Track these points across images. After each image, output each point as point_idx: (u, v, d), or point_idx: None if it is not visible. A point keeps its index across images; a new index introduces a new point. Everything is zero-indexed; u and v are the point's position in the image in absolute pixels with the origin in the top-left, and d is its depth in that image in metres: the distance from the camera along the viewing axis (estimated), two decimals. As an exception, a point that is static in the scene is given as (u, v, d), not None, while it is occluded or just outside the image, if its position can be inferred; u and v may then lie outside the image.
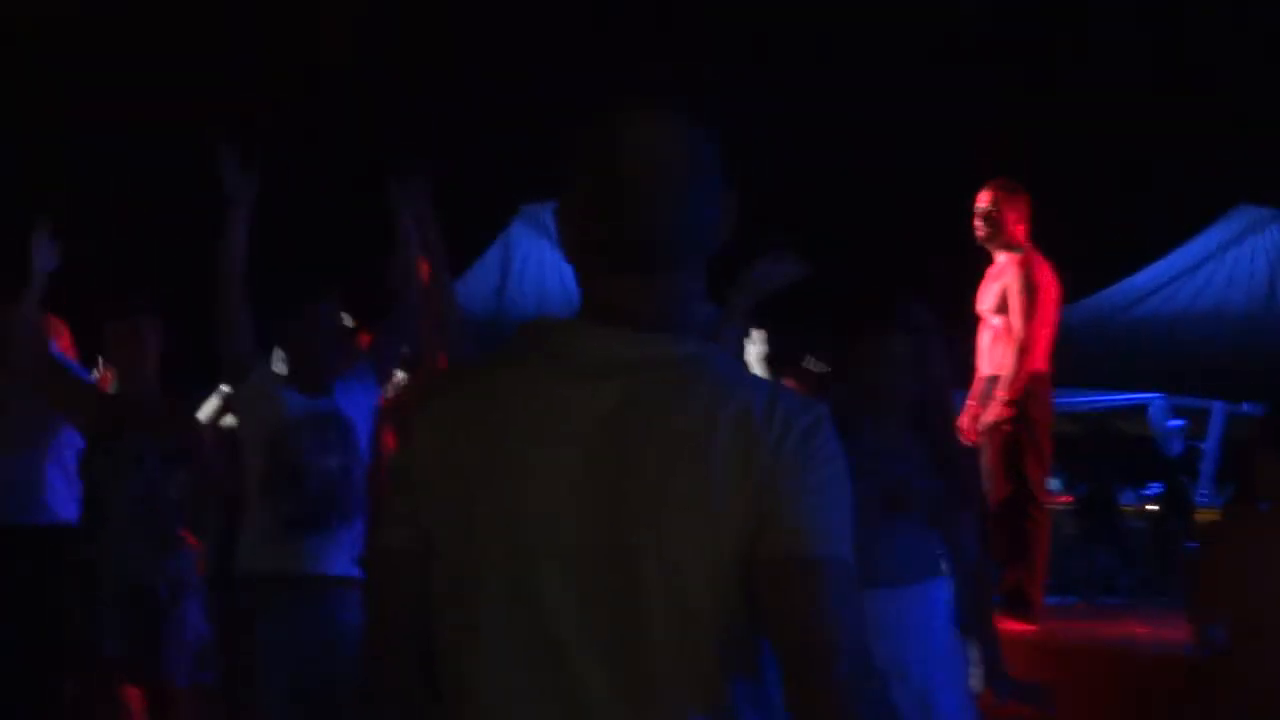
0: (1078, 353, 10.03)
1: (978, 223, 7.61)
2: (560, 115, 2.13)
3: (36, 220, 6.39)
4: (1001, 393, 7.46)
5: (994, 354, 7.58)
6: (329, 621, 5.37)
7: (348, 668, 5.16)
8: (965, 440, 7.27)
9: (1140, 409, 15.09)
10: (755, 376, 2.11)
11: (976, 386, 7.70)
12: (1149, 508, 13.87)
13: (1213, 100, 19.21)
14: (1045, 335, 7.55)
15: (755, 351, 6.76)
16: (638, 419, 1.98)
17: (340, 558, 5.44)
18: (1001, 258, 7.62)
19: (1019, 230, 7.58)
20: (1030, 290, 7.48)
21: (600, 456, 1.98)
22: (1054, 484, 13.47)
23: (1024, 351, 7.44)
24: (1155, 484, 14.12)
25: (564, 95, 2.15)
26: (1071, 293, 8.99)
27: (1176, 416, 14.99)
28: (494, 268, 14.92)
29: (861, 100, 18.98)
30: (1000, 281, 7.56)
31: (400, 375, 7.36)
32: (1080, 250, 9.49)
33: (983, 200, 7.61)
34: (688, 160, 2.06)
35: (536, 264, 14.36)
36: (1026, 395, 7.49)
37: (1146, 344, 13.78)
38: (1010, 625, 7.12)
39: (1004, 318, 7.51)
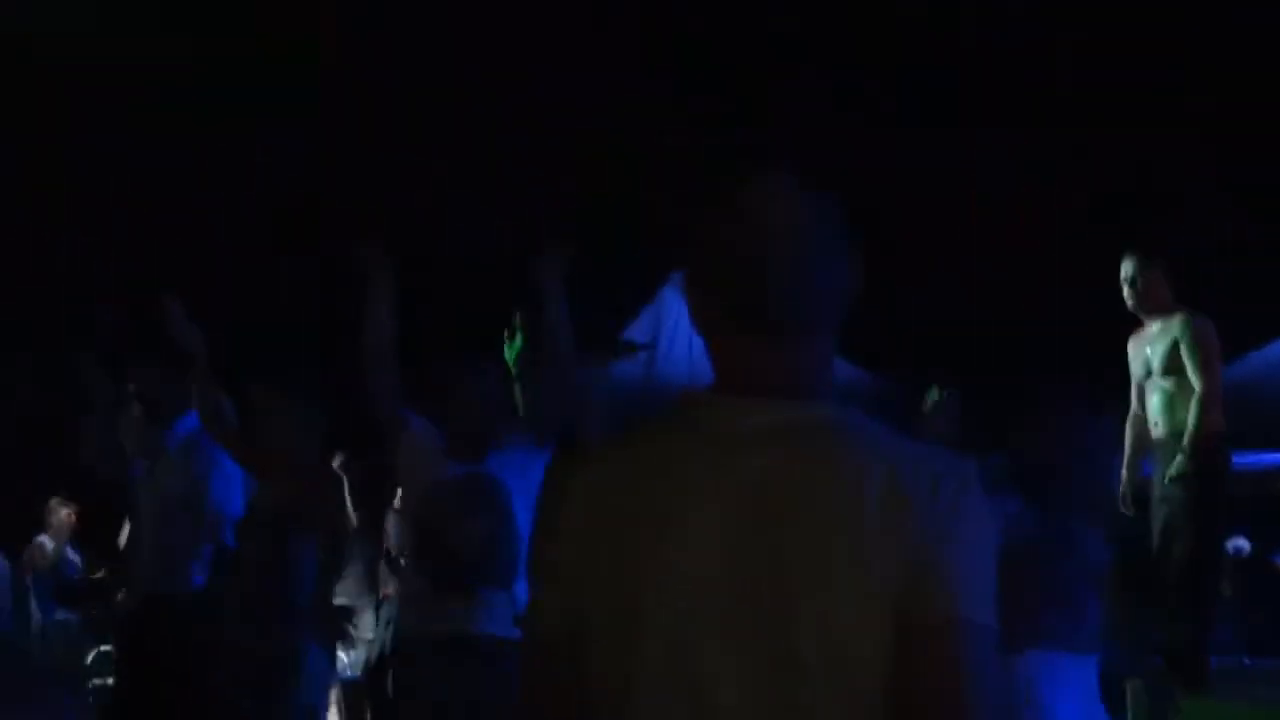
0: (1241, 411, 9.94)
1: (1126, 290, 7.68)
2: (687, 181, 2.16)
3: (166, 299, 6.55)
4: (1188, 452, 7.44)
5: (1174, 415, 7.56)
6: (477, 682, 5.40)
7: None
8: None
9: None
10: (899, 436, 2.10)
11: (1143, 450, 7.69)
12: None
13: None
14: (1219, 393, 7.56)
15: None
16: (784, 489, 1.99)
17: (491, 619, 5.47)
18: (1155, 321, 7.64)
19: (1164, 293, 7.61)
20: (1205, 348, 7.50)
21: (750, 529, 1.98)
22: (1242, 543, 13.23)
23: (1208, 409, 7.43)
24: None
25: (705, 159, 2.17)
26: (1230, 349, 8.94)
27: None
28: (645, 335, 14.96)
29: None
30: (1162, 342, 7.57)
31: None
32: (1236, 305, 9.38)
33: (1125, 269, 7.67)
34: (816, 225, 2.08)
35: (688, 331, 14.37)
36: (1212, 453, 7.48)
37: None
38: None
39: (1174, 378, 7.51)
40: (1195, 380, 7.41)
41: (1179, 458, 7.41)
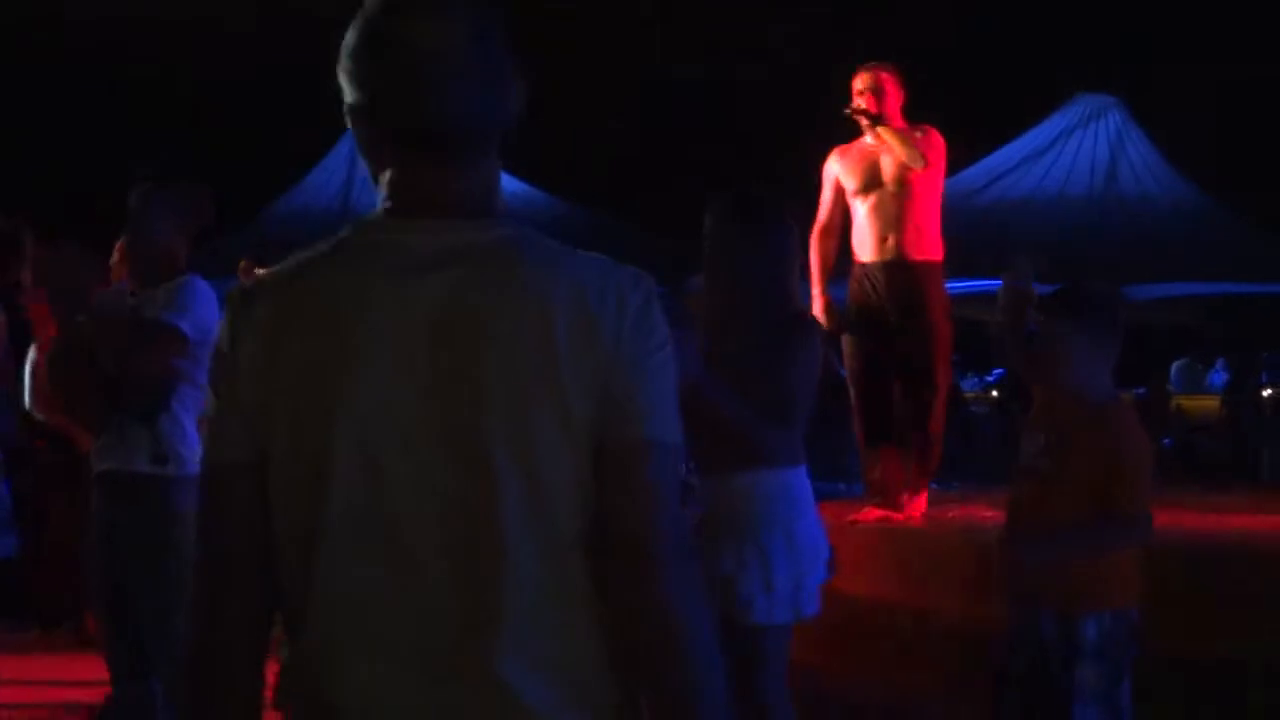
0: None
1: (866, 101, 7.33)
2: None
3: None
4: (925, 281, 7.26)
5: (903, 231, 7.29)
6: (124, 519, 5.22)
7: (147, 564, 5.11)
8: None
9: (984, 296, 15.31)
10: (581, 253, 2.07)
11: (832, 269, 7.44)
12: (993, 394, 14.13)
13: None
14: None
15: None
16: (471, 312, 1.95)
17: (132, 456, 5.24)
18: (869, 137, 7.38)
19: (899, 106, 7.40)
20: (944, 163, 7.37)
21: (438, 354, 1.95)
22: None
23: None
24: (998, 370, 14.38)
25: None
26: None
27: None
28: (339, 166, 14.75)
29: None
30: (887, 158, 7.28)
31: None
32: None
33: (865, 81, 7.36)
34: (478, 42, 2.02)
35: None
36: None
37: (990, 231, 13.97)
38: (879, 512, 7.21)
39: (907, 193, 7.22)
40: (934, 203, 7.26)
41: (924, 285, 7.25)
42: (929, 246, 7.28)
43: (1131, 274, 14.04)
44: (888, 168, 7.17)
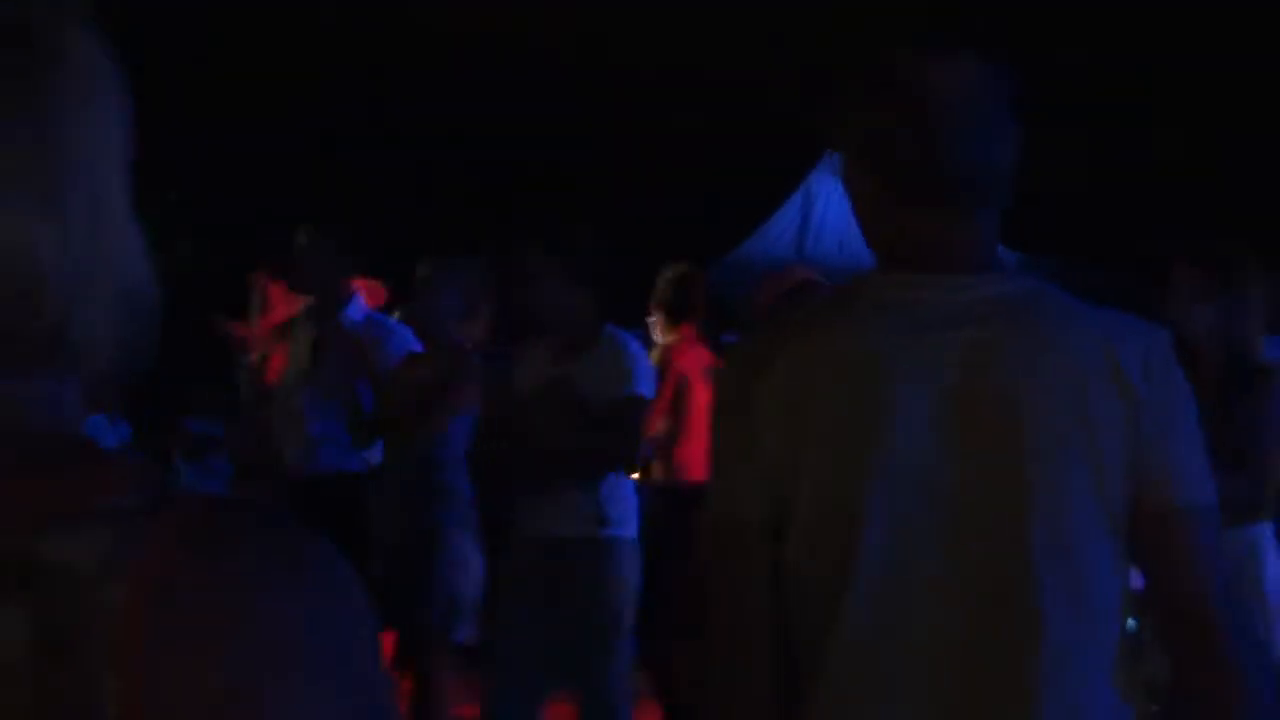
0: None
1: None
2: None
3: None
4: None
5: None
6: (563, 582, 5.27)
7: (587, 627, 5.19)
8: None
9: None
10: (1093, 308, 2.02)
11: None
12: None
13: None
14: None
15: None
16: (1003, 366, 1.92)
17: (568, 519, 5.27)
18: None
19: None
20: None
21: (970, 408, 1.92)
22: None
23: None
24: None
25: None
26: None
27: None
28: (794, 216, 14.84)
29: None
30: None
31: None
32: None
33: None
34: (991, 95, 1.99)
35: (838, 212, 14.19)
36: None
37: None
38: None
39: None
40: None
41: None
42: None
43: None
44: None
